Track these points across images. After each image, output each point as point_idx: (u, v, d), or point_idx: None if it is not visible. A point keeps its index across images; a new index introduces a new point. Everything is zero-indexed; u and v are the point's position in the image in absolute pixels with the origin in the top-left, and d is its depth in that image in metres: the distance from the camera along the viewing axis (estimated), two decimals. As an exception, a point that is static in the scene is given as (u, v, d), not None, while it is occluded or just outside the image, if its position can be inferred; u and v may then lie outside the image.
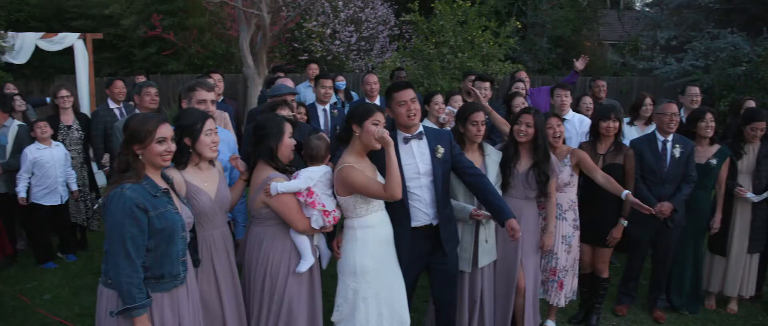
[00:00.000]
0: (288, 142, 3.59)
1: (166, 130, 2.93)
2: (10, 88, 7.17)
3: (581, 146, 4.82)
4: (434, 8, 12.21)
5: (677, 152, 4.76)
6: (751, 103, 5.96)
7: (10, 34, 10.74)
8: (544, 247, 4.33)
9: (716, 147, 4.98)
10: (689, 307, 5.21)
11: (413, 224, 3.74)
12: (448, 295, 4.01)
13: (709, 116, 4.96)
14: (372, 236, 3.57)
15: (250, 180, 3.62)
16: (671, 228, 4.83)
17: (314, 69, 8.28)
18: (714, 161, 4.92)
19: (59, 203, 6.11)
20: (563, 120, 5.07)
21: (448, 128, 5.19)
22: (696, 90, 6.41)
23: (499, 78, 11.60)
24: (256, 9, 11.36)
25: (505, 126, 4.72)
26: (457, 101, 6.36)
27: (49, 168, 5.96)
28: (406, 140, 3.77)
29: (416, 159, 3.75)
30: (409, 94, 3.74)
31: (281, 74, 6.70)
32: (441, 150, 3.78)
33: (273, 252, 3.52)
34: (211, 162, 3.45)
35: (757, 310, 5.31)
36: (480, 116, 4.11)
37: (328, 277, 4.38)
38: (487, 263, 4.16)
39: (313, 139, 3.68)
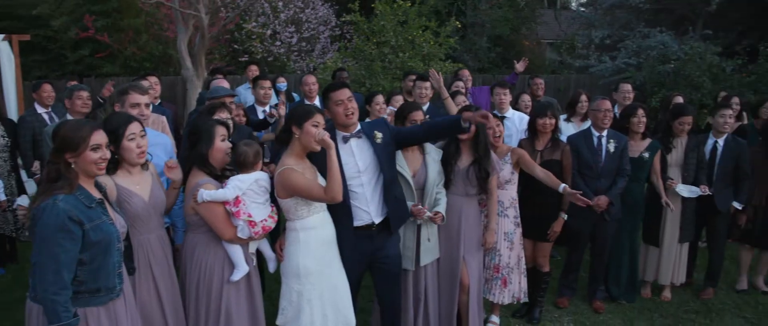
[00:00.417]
0: (220, 146, 3.52)
1: (100, 137, 2.81)
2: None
3: (520, 143, 4.93)
4: (375, 8, 12.24)
5: (612, 147, 4.92)
6: (679, 99, 6.22)
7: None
8: (486, 244, 4.38)
9: (648, 141, 5.15)
10: (627, 297, 5.38)
11: (355, 224, 3.75)
12: (392, 295, 4.03)
13: (640, 112, 5.13)
14: (314, 237, 3.55)
15: (185, 186, 3.53)
16: (608, 221, 4.98)
17: (254, 70, 8.16)
18: (646, 155, 5.09)
19: None
20: (503, 118, 5.17)
21: None
22: (628, 87, 6.65)
23: (446, 76, 11.71)
24: (193, 10, 11.13)
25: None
26: (399, 101, 6.39)
27: None
28: (346, 139, 3.78)
29: (356, 157, 3.77)
30: (345, 93, 3.75)
31: (220, 76, 6.57)
32: (379, 135, 3.83)
33: (206, 259, 3.45)
34: (144, 165, 3.35)
35: (688, 296, 5.54)
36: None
37: (273, 281, 4.33)
38: (430, 261, 4.19)
39: (241, 145, 3.57)
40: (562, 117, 6.24)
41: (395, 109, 5.69)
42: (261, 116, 6.12)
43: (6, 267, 6.26)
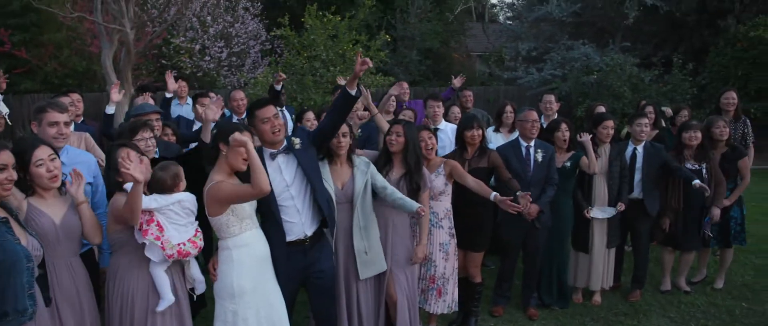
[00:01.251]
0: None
1: (6, 157, 2.73)
2: None
3: (450, 155, 5.00)
4: (305, 23, 12.22)
5: (539, 156, 5.05)
6: (601, 109, 6.45)
7: None
8: (415, 260, 4.39)
9: (572, 153, 5.32)
10: (559, 303, 5.51)
11: (288, 239, 3.75)
12: (328, 309, 4.03)
13: (563, 126, 5.31)
14: (247, 255, 3.51)
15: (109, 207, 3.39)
16: (539, 229, 5.10)
17: (183, 86, 7.98)
18: (568, 164, 5.25)
19: None
20: (436, 130, 5.25)
21: None
22: (551, 97, 6.87)
23: (372, 91, 11.79)
24: (118, 24, 10.80)
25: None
26: None
27: None
28: (273, 156, 3.80)
29: (283, 173, 3.80)
30: (270, 110, 3.77)
31: (145, 94, 6.40)
32: (297, 140, 3.89)
33: (129, 284, 3.30)
34: (59, 190, 3.22)
35: (617, 299, 5.73)
36: (343, 128, 4.16)
37: (212, 300, 4.22)
38: (373, 274, 4.18)
39: (157, 170, 3.44)
40: (491, 128, 6.40)
41: None
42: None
43: None
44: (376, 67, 12.70)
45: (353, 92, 3.84)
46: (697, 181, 5.22)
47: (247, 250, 3.51)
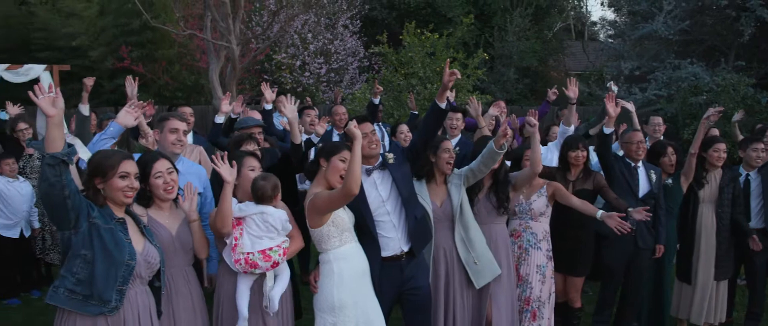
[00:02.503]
0: (247, 175, 3.57)
1: (129, 166, 2.90)
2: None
3: (550, 174, 4.87)
4: (403, 40, 12.35)
5: (653, 176, 4.86)
6: (715, 132, 6.11)
7: (-28, 65, 10.53)
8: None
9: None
10: (659, 333, 5.24)
11: (383, 254, 3.77)
12: (422, 326, 4.00)
13: (670, 150, 5.10)
14: (348, 268, 3.56)
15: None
16: (642, 249, 4.87)
17: (281, 101, 8.26)
18: (670, 181, 5.01)
19: (18, 237, 6.00)
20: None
21: None
22: (659, 119, 6.58)
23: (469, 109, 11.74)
24: (225, 41, 11.34)
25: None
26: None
27: (16, 204, 5.90)
28: (369, 172, 3.85)
29: (378, 189, 3.84)
30: (368, 126, 3.86)
31: (244, 108, 6.73)
32: (391, 155, 3.93)
33: (226, 290, 3.48)
34: (174, 203, 3.40)
35: (727, 336, 5.37)
36: (448, 144, 4.16)
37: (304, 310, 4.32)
38: (488, 281, 4.14)
39: (258, 179, 3.53)
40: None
41: None
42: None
43: (41, 290, 6.36)
44: (472, 85, 12.64)
45: (443, 105, 3.84)
46: None
47: (347, 264, 3.56)
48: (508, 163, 4.79)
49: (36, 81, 10.25)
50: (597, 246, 4.84)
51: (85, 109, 4.89)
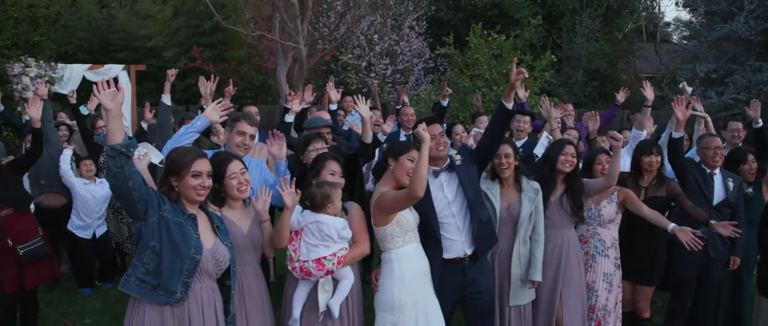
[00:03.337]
0: (326, 178, 3.63)
1: (202, 165, 2.98)
2: (62, 117, 7.39)
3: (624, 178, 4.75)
4: (469, 41, 12.28)
5: (731, 184, 4.68)
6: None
7: (59, 65, 11.14)
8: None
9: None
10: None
11: (446, 256, 3.76)
12: (485, 332, 3.97)
13: (750, 157, 4.90)
14: (409, 268, 3.57)
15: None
16: (714, 260, 4.68)
17: (349, 101, 8.36)
18: (750, 190, 4.80)
19: (90, 238, 6.23)
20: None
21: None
22: (738, 125, 6.28)
23: (535, 111, 11.58)
24: (293, 42, 11.56)
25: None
26: (483, 122, 6.44)
27: (90, 206, 6.12)
28: (436, 173, 3.85)
29: (445, 191, 3.83)
30: (436, 128, 3.85)
31: (314, 108, 6.85)
32: (458, 157, 3.91)
33: (290, 290, 3.55)
34: (244, 202, 3.49)
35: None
36: (505, 149, 4.12)
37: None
38: (521, 304, 4.11)
39: (313, 186, 3.56)
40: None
41: (480, 131, 5.72)
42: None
43: (115, 281, 6.62)
44: (539, 88, 12.45)
45: (510, 105, 3.79)
46: None
47: (408, 264, 3.57)
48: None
49: (115, 80, 10.74)
50: (668, 255, 4.69)
51: (167, 98, 5.06)
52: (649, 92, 5.61)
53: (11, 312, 4.82)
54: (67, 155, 5.98)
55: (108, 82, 2.87)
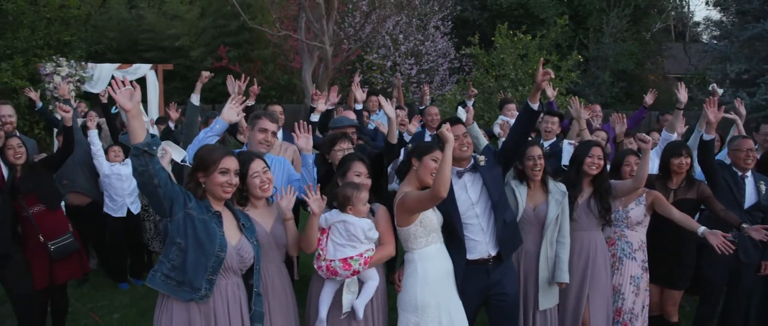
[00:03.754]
0: (352, 179, 3.63)
1: (230, 163, 3.01)
2: (92, 117, 7.50)
3: (652, 180, 4.68)
4: (494, 42, 12.22)
5: (763, 187, 4.59)
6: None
7: (89, 65, 11.35)
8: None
9: None
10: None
11: (469, 257, 3.74)
12: (509, 333, 3.95)
13: None
14: (432, 268, 3.57)
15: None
16: (745, 264, 4.59)
17: (374, 101, 8.37)
18: None
19: (126, 216, 6.38)
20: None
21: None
22: (771, 127, 6.15)
23: (562, 111, 11.48)
24: (318, 41, 11.63)
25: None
26: (510, 110, 6.38)
27: (118, 185, 6.27)
28: (460, 174, 3.84)
29: (468, 191, 3.81)
30: (460, 128, 3.85)
31: (340, 107, 6.89)
32: (482, 158, 3.88)
33: (315, 294, 3.57)
34: (268, 201, 3.51)
35: None
36: (536, 151, 4.09)
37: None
38: (550, 306, 4.08)
39: (339, 186, 3.60)
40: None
41: (509, 120, 5.68)
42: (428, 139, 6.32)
43: (143, 277, 6.72)
44: (566, 88, 12.33)
45: (536, 106, 3.75)
46: None
47: (431, 264, 3.57)
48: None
49: (142, 79, 10.90)
50: (697, 258, 4.62)
51: (195, 99, 5.11)
52: (682, 94, 5.51)
53: (43, 307, 4.91)
54: (93, 135, 6.09)
55: (123, 81, 2.89)
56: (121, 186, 6.30)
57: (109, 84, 2.92)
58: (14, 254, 4.53)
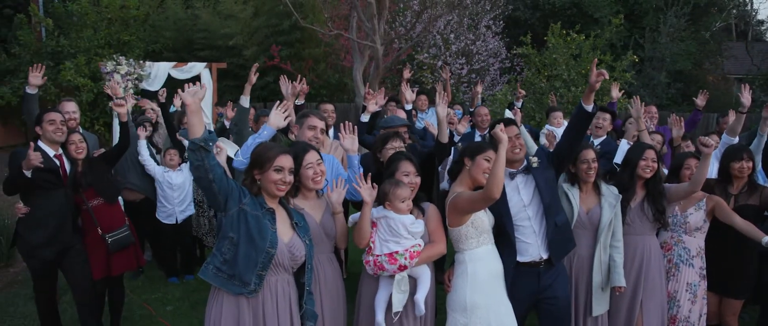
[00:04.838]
0: (401, 179, 3.63)
1: (285, 161, 3.07)
2: (150, 113, 7.70)
3: (711, 184, 4.54)
4: (547, 41, 12.04)
5: None
6: None
7: (147, 63, 11.69)
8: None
9: None
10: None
11: (520, 259, 3.71)
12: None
13: None
14: (483, 269, 3.55)
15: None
16: None
17: (424, 100, 8.35)
18: None
19: (175, 223, 6.49)
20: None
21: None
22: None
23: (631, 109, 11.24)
24: (369, 41, 11.65)
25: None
26: (557, 118, 6.29)
27: (168, 193, 6.39)
28: (513, 176, 3.82)
29: (521, 193, 3.79)
30: (513, 130, 3.82)
31: (393, 104, 6.88)
32: (535, 159, 3.86)
33: (365, 295, 3.59)
34: (318, 193, 3.55)
35: None
36: (590, 154, 4.00)
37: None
38: (603, 312, 4.02)
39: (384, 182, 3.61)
40: None
41: (554, 130, 5.60)
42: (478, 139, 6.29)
43: (195, 272, 6.86)
44: (620, 90, 12.04)
45: (590, 108, 3.69)
46: None
47: (482, 265, 3.55)
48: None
49: (198, 78, 11.15)
50: (759, 267, 4.45)
51: (245, 100, 5.19)
52: (746, 97, 5.32)
53: (101, 298, 5.09)
54: (141, 145, 6.25)
55: (193, 81, 3.01)
56: (171, 195, 6.40)
57: (180, 88, 3.03)
58: (75, 245, 4.69)
